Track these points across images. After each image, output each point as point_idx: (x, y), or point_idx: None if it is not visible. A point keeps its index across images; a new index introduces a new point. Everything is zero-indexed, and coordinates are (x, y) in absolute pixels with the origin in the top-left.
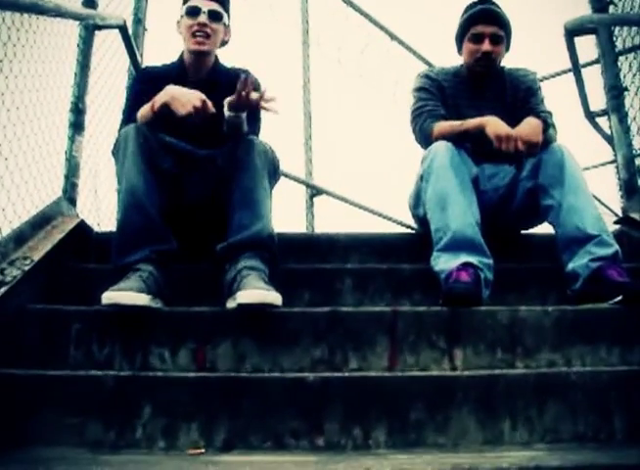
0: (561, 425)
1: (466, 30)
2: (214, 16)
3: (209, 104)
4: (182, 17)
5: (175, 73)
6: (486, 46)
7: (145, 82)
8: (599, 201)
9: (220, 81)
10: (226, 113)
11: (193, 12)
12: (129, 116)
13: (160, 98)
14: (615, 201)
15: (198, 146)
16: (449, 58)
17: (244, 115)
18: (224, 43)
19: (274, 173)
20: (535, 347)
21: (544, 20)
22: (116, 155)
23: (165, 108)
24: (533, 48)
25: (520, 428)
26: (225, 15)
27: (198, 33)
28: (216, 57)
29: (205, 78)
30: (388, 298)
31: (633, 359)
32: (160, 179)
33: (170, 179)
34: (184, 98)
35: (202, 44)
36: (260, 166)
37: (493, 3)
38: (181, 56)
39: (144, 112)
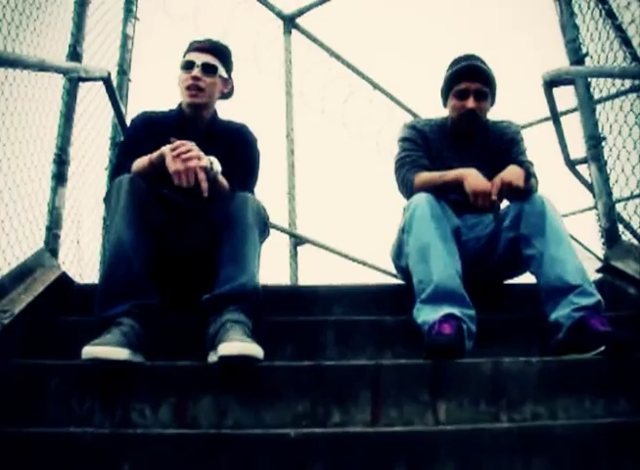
0: None
1: (451, 86)
2: (208, 69)
3: (205, 186)
4: (180, 72)
5: (174, 123)
6: (471, 103)
7: (143, 127)
8: (581, 245)
9: (218, 135)
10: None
11: (187, 66)
12: (124, 160)
13: (162, 156)
14: (597, 244)
15: (190, 198)
16: (431, 106)
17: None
18: (225, 96)
19: (264, 230)
20: (520, 399)
21: (526, 65)
22: (108, 203)
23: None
24: (516, 94)
25: None
26: (220, 67)
27: (191, 87)
28: (215, 110)
29: (203, 131)
30: (371, 350)
31: (618, 411)
32: (150, 232)
33: (160, 231)
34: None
35: (195, 97)
36: (251, 223)
37: (478, 58)
38: (180, 106)
39: (140, 164)
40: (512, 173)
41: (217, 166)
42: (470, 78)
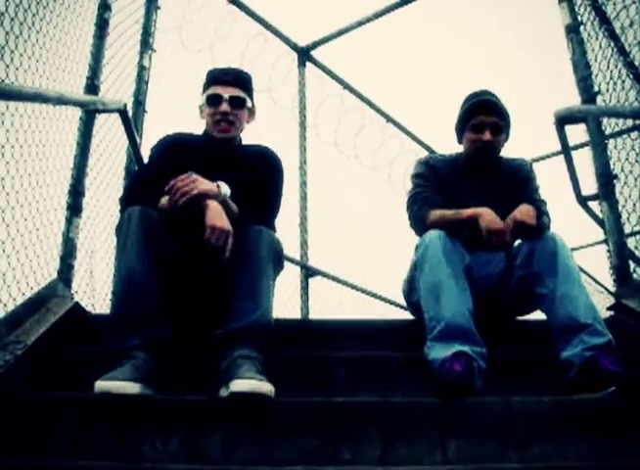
0: None
1: (467, 120)
2: (237, 103)
3: (228, 248)
4: (204, 103)
5: (203, 147)
6: (487, 136)
7: (172, 147)
8: (593, 279)
9: (245, 160)
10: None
11: (215, 100)
12: (143, 181)
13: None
14: (609, 277)
15: (203, 231)
16: (443, 139)
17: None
18: (249, 122)
19: (278, 263)
20: (529, 438)
21: (540, 99)
22: (119, 234)
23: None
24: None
25: None
26: (247, 98)
27: (221, 122)
28: (240, 137)
29: (230, 156)
30: (382, 387)
31: (629, 452)
32: (161, 263)
33: (172, 264)
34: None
35: (226, 132)
36: (266, 257)
37: (493, 94)
38: (206, 131)
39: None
40: (524, 212)
41: (226, 190)
42: (486, 112)
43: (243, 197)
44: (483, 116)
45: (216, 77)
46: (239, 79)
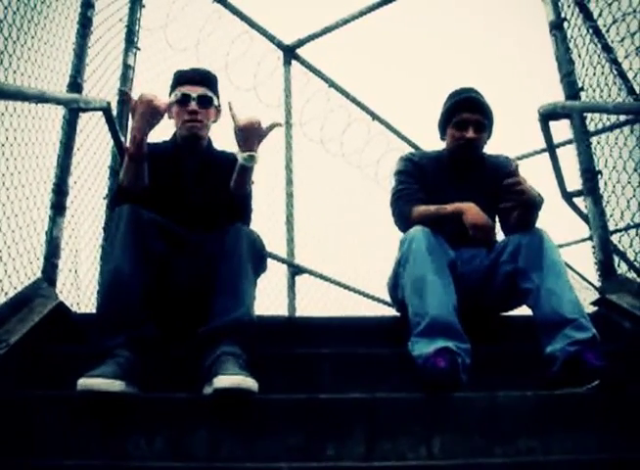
0: None
1: (450, 117)
2: (204, 101)
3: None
4: (172, 103)
5: (170, 154)
6: (470, 133)
7: None
8: (580, 275)
9: (213, 164)
10: (239, 156)
11: (183, 99)
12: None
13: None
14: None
15: (190, 229)
16: (430, 137)
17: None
18: (214, 121)
19: (260, 263)
20: (514, 433)
21: (524, 95)
22: (107, 232)
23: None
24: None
25: None
26: (215, 97)
27: (189, 121)
28: (209, 139)
29: (198, 161)
30: (367, 383)
31: (612, 446)
32: (148, 262)
33: (159, 262)
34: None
35: (193, 129)
36: (247, 255)
37: (476, 92)
38: (174, 137)
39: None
40: (530, 187)
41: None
42: (470, 110)
43: (216, 200)
44: (467, 113)
45: (183, 77)
46: (205, 79)
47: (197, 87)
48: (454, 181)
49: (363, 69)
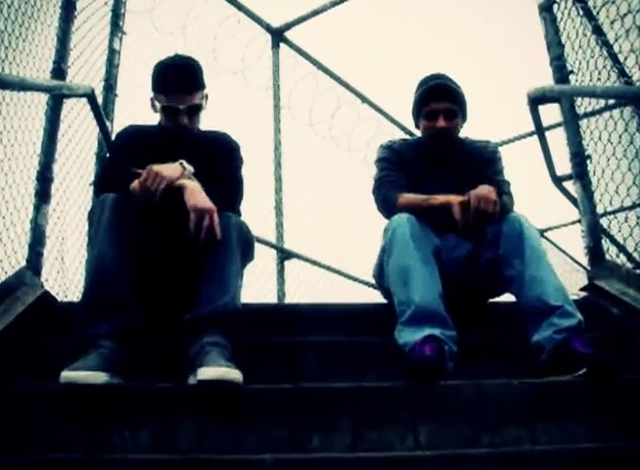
0: None
1: (420, 108)
2: (194, 112)
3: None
4: (158, 104)
5: (157, 137)
6: (441, 123)
7: (128, 140)
8: (570, 258)
9: (201, 145)
10: None
11: (170, 110)
12: (110, 174)
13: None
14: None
15: (176, 214)
16: None
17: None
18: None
19: (247, 251)
20: (501, 421)
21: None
22: (91, 219)
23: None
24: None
25: None
26: (203, 97)
27: (179, 129)
28: None
29: (187, 144)
30: (353, 371)
31: (600, 435)
32: (133, 249)
33: (143, 249)
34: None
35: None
36: (234, 242)
37: (445, 77)
38: (160, 122)
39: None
40: (483, 189)
41: (190, 168)
42: (438, 99)
43: (204, 184)
44: (435, 103)
45: (168, 85)
46: (191, 80)
47: (184, 95)
48: (434, 167)
49: (352, 52)
